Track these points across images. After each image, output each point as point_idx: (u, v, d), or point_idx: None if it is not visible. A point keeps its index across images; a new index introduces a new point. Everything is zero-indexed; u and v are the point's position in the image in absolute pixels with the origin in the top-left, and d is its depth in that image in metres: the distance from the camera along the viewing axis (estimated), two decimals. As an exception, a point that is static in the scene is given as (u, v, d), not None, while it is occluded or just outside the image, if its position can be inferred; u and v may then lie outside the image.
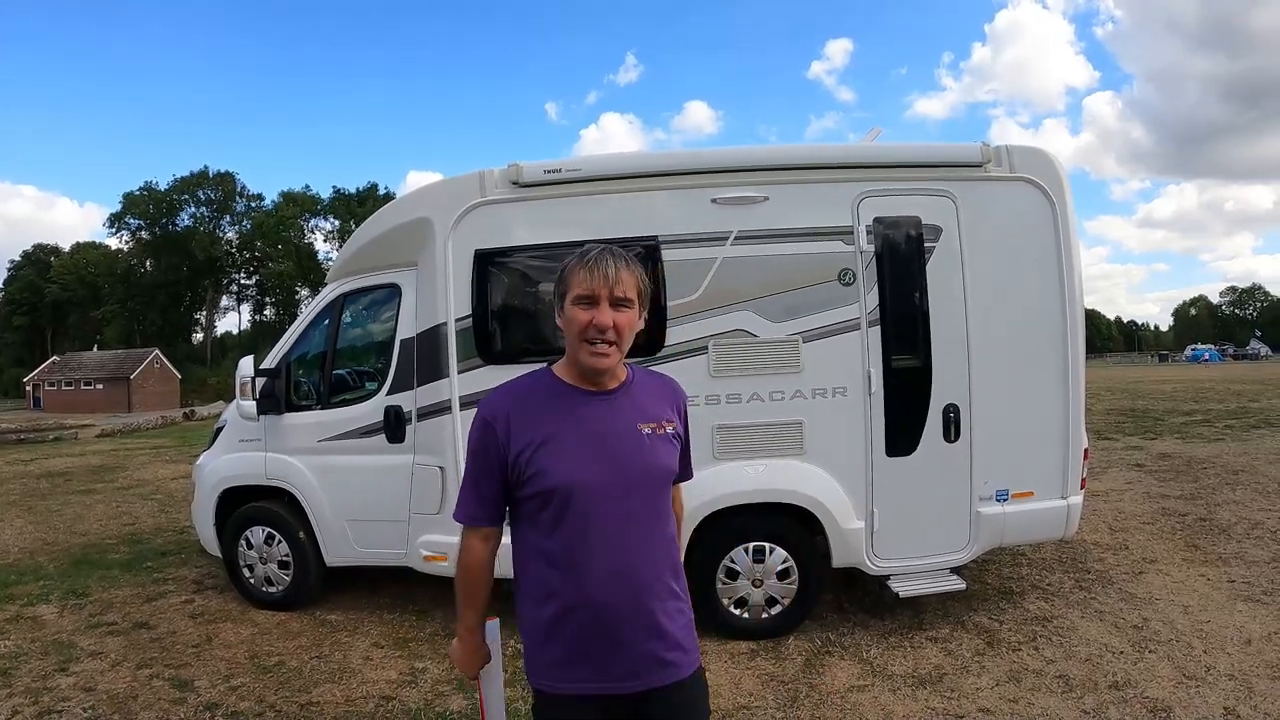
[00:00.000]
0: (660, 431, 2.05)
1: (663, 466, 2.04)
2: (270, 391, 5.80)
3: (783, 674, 4.62)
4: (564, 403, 2.01)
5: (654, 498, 2.03)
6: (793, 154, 5.27)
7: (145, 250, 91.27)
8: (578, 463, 1.94)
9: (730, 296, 5.00)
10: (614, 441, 1.98)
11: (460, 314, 5.11)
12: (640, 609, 1.97)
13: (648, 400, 2.08)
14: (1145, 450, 12.67)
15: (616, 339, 1.95)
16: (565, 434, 1.97)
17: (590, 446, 1.96)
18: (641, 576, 1.97)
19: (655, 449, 2.02)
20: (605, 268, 1.93)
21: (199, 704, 4.45)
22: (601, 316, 1.92)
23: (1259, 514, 7.99)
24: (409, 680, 4.71)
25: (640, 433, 2.01)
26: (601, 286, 1.92)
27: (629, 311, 1.96)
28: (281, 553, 5.91)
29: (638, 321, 2.01)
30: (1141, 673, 4.45)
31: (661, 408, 2.10)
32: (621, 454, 1.98)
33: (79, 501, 11.68)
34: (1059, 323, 5.10)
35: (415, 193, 5.76)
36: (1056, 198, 5.09)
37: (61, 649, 5.32)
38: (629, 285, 1.95)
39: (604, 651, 1.96)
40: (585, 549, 1.94)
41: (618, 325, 1.94)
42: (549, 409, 2.00)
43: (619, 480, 1.96)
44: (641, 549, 1.98)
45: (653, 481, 2.02)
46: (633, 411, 2.03)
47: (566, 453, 1.95)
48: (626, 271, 1.95)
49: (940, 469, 5.04)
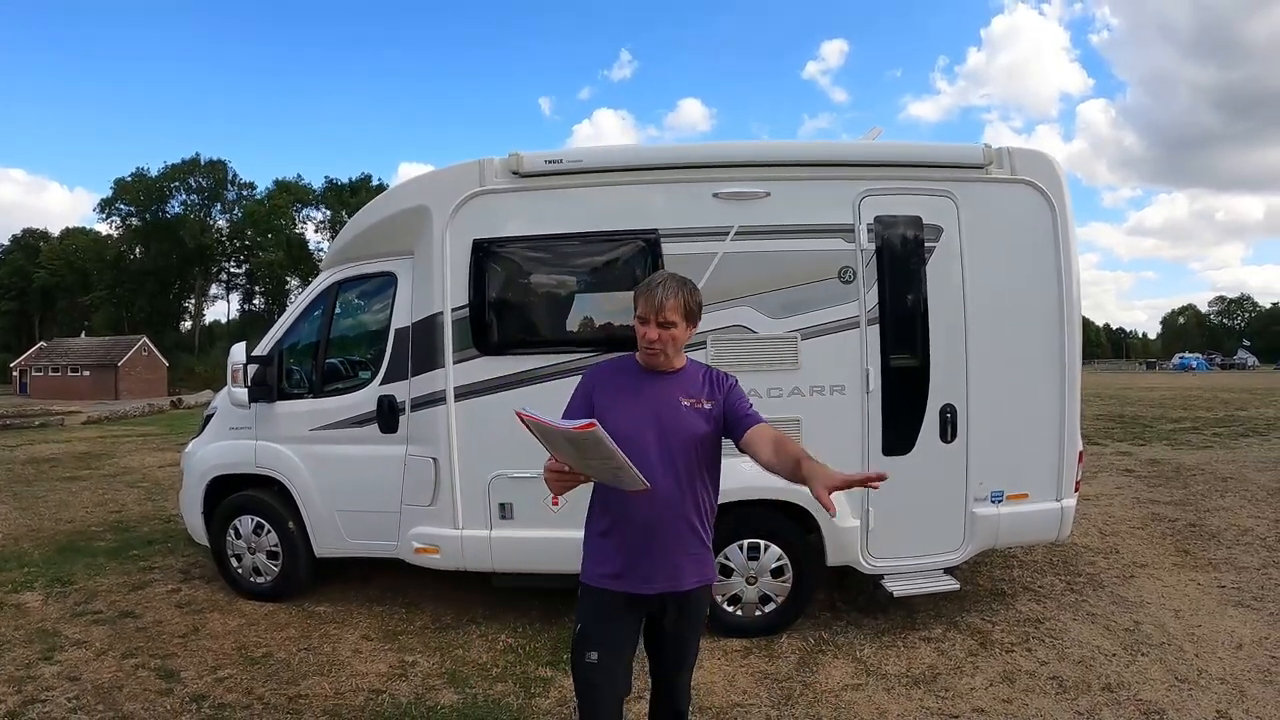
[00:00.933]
0: (697, 406, 2.74)
1: (692, 430, 2.71)
2: (262, 379, 5.74)
3: (777, 672, 4.61)
4: (635, 380, 2.80)
5: (685, 453, 2.71)
6: (795, 150, 5.26)
7: (135, 237, 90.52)
8: (631, 420, 2.67)
9: (730, 292, 4.98)
10: (659, 408, 2.73)
11: (457, 304, 5.07)
12: (663, 532, 2.69)
13: (693, 385, 2.79)
14: (1134, 456, 12.73)
15: (662, 347, 2.70)
16: (628, 399, 2.75)
17: (642, 409, 2.72)
18: (669, 502, 2.68)
19: (690, 417, 2.72)
20: (655, 298, 2.67)
21: (185, 695, 4.41)
22: (650, 333, 2.69)
23: (1248, 520, 8.03)
24: (399, 674, 4.67)
25: (680, 404, 2.73)
26: (650, 312, 2.68)
27: (674, 329, 2.70)
28: (270, 543, 5.86)
29: (685, 333, 2.75)
30: (1134, 675, 4.46)
31: (702, 390, 2.78)
32: (663, 417, 2.71)
33: (65, 488, 11.60)
34: (1056, 325, 5.11)
35: (413, 180, 5.71)
36: (1056, 201, 5.09)
37: (46, 637, 5.27)
38: (673, 311, 2.67)
39: (630, 556, 2.71)
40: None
41: (662, 339, 2.69)
42: (625, 381, 2.81)
43: (659, 436, 2.69)
44: (670, 483, 2.67)
45: (684, 440, 2.70)
46: (679, 390, 2.76)
47: (625, 412, 2.70)
48: (673, 300, 2.67)
49: (936, 469, 5.04)
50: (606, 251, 5.07)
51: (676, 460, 2.69)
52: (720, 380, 2.84)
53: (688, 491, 2.71)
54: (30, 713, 4.20)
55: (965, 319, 5.03)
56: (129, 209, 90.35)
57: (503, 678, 4.59)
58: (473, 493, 5.13)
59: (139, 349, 62.81)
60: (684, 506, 2.71)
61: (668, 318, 2.67)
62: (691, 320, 2.76)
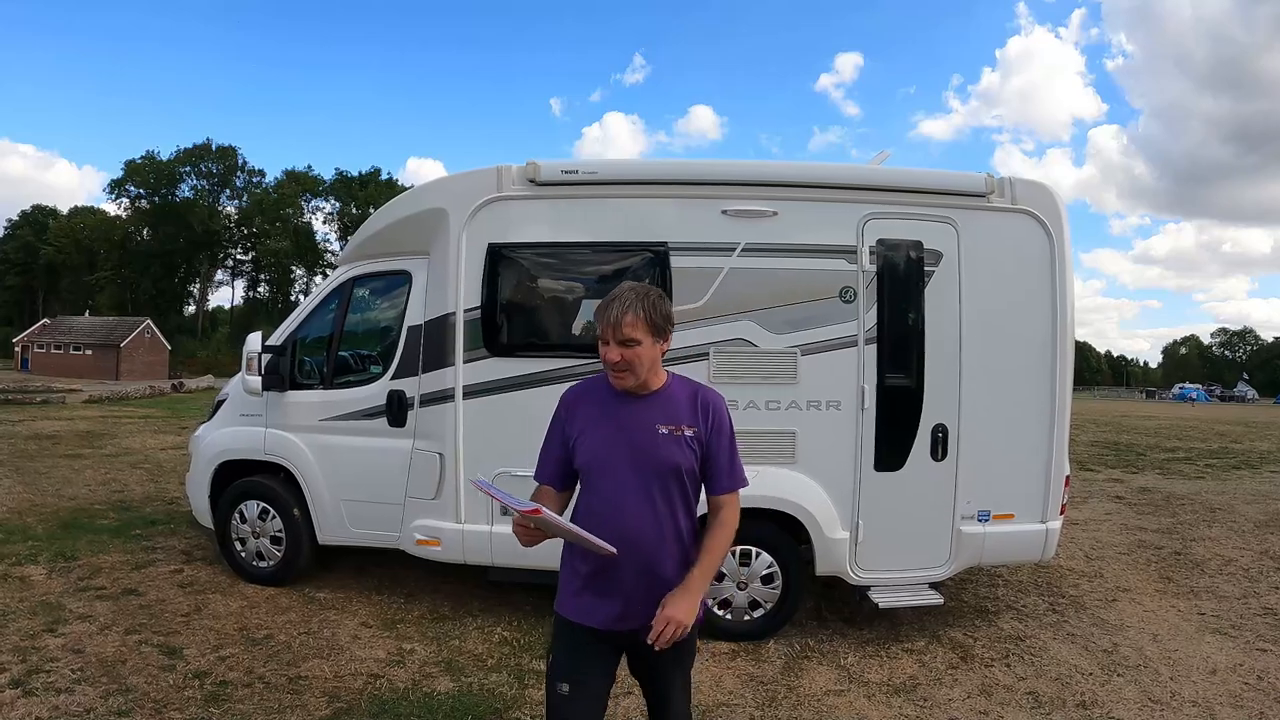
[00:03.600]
0: (676, 433, 2.48)
1: (669, 460, 2.47)
2: (275, 368, 5.87)
3: (762, 675, 4.74)
4: (608, 403, 2.54)
5: (662, 483, 2.48)
6: (804, 172, 5.40)
7: (143, 218, 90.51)
8: (603, 447, 2.49)
9: (734, 306, 5.12)
10: (633, 433, 2.48)
11: (469, 305, 5.21)
12: (642, 568, 2.45)
13: (673, 406, 2.52)
14: (1126, 483, 12.81)
15: (628, 367, 2.43)
16: (602, 424, 2.52)
17: (615, 436, 2.49)
18: (644, 542, 2.45)
19: (665, 445, 2.47)
20: (610, 316, 2.41)
21: (188, 671, 4.51)
22: (611, 354, 2.43)
23: (1233, 551, 8.14)
24: (397, 660, 4.79)
25: (656, 431, 2.47)
26: (608, 330, 2.42)
27: (637, 347, 2.41)
28: (275, 528, 5.98)
29: (653, 349, 2.45)
30: (1109, 694, 4.58)
31: (682, 413, 2.51)
32: (637, 445, 2.47)
33: (67, 465, 11.72)
34: (1049, 352, 5.23)
35: (432, 183, 5.86)
36: (1055, 231, 5.22)
37: (50, 610, 5.36)
38: (632, 326, 2.39)
39: (608, 593, 2.48)
40: (602, 510, 2.47)
41: (625, 358, 2.42)
42: (596, 406, 2.55)
43: (634, 465, 2.46)
44: (646, 518, 2.46)
45: (660, 470, 2.47)
46: (657, 414, 2.50)
47: (598, 438, 2.50)
48: (631, 314, 2.40)
49: (926, 486, 5.17)
50: (616, 261, 5.20)
51: (654, 492, 2.47)
52: (706, 401, 2.56)
53: (668, 523, 2.49)
54: (35, 682, 4.28)
55: (960, 342, 5.16)
56: (139, 191, 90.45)
57: (498, 668, 4.72)
58: (476, 489, 5.24)
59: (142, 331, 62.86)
60: (663, 540, 2.48)
61: (627, 334, 2.39)
62: (659, 334, 2.46)
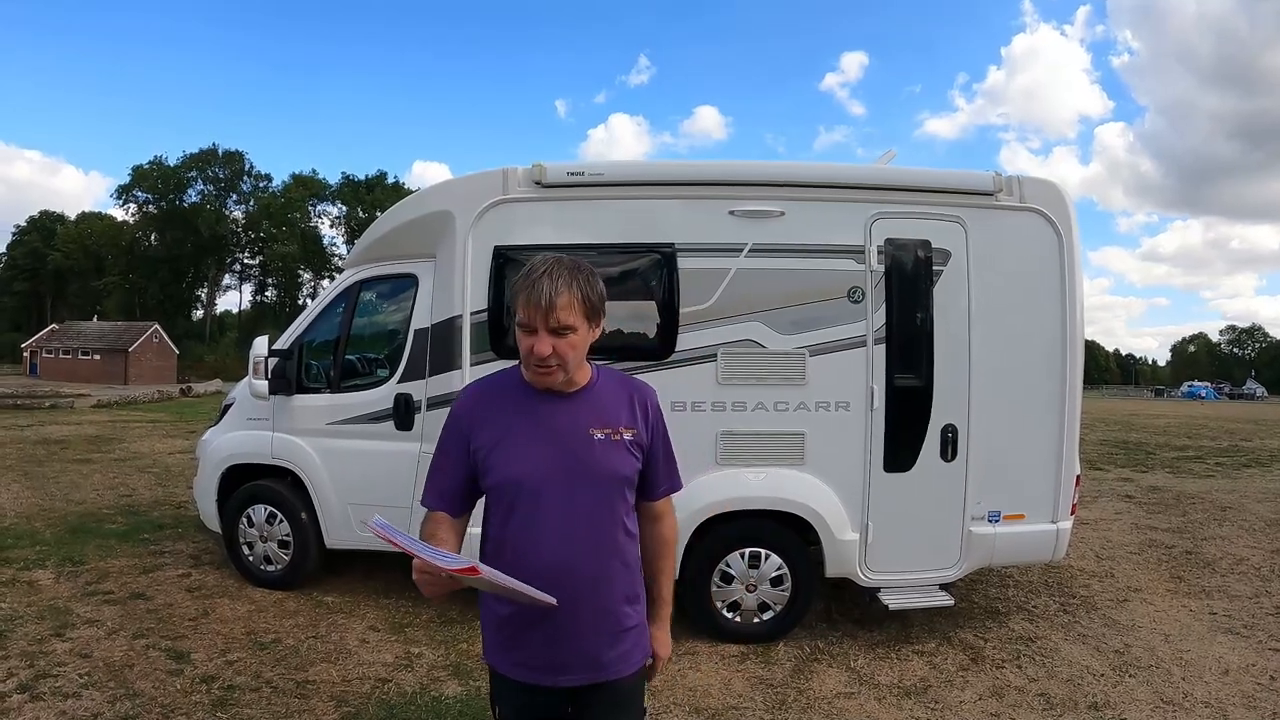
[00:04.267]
0: (615, 438, 2.05)
1: (609, 470, 2.04)
2: (282, 372, 5.87)
3: (772, 678, 4.72)
4: (523, 403, 2.05)
5: (603, 499, 2.04)
6: (811, 172, 5.38)
7: (151, 224, 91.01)
8: (525, 461, 2.00)
9: (742, 307, 5.10)
10: (563, 442, 2.02)
11: (476, 307, 5.20)
12: (579, 606, 1.99)
13: (607, 405, 2.08)
14: (1136, 482, 12.77)
15: (560, 362, 1.95)
16: (518, 433, 2.02)
17: (539, 446, 2.01)
18: (582, 574, 2.00)
19: (604, 453, 2.03)
20: (540, 296, 1.89)
21: (195, 676, 4.51)
22: (540, 346, 1.92)
23: (1244, 550, 8.10)
24: (405, 664, 4.78)
25: (591, 436, 2.03)
26: (535, 315, 1.91)
27: (571, 336, 1.94)
28: (282, 532, 5.99)
29: (586, 336, 1.99)
30: (1120, 695, 4.55)
31: (619, 413, 2.09)
32: (569, 455, 2.01)
33: (76, 470, 11.75)
34: (1059, 351, 5.21)
35: (438, 186, 5.86)
36: (1063, 229, 5.19)
37: (57, 614, 5.37)
38: (567, 310, 1.91)
39: (538, 644, 2.03)
40: (529, 543, 2.00)
41: (558, 350, 1.93)
42: (509, 408, 2.05)
43: (564, 479, 2.00)
44: (585, 548, 2.01)
45: (599, 483, 2.03)
46: (588, 415, 2.05)
47: (517, 451, 2.01)
48: (565, 296, 1.90)
49: (935, 487, 5.15)
50: (624, 263, 5.18)
51: (593, 511, 2.02)
52: (645, 399, 2.15)
53: (611, 553, 2.05)
54: (42, 686, 4.29)
55: (969, 341, 5.13)
56: (146, 196, 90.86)
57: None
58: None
59: (150, 335, 63.08)
60: (607, 574, 2.04)
61: (562, 320, 1.91)
62: (593, 319, 2.00)
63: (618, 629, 2.07)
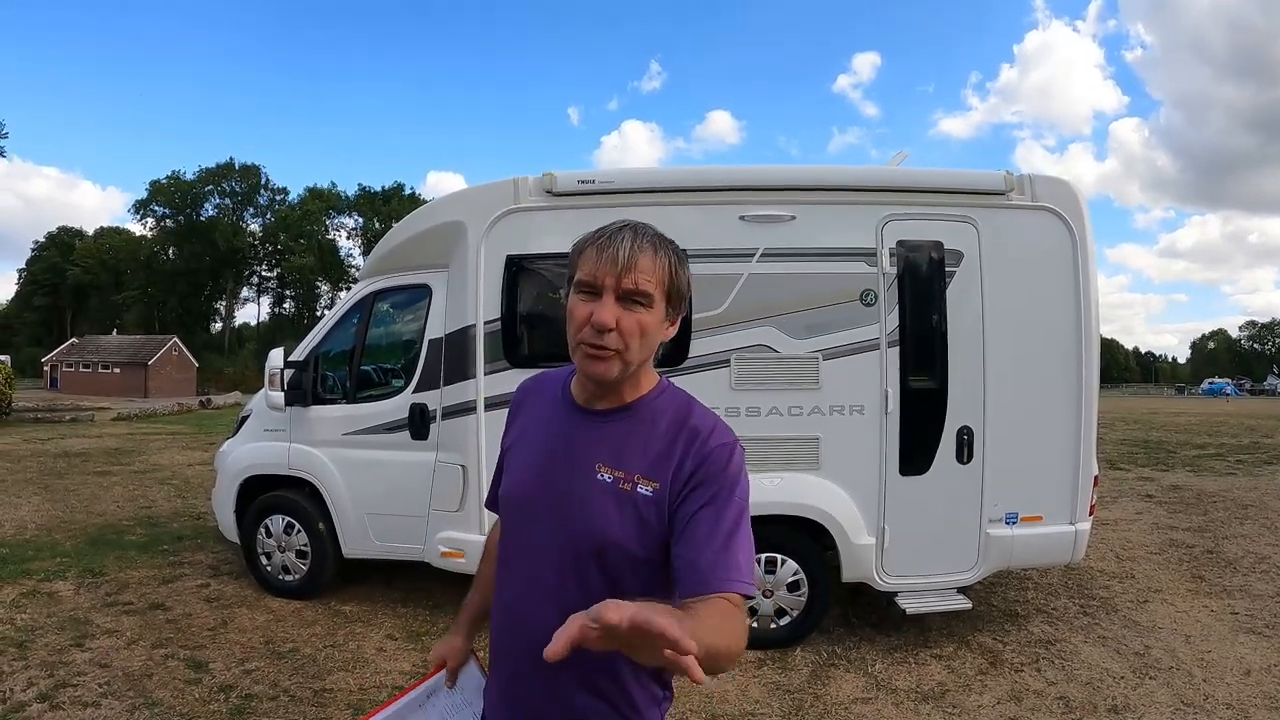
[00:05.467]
0: (624, 486, 1.51)
1: (590, 527, 1.50)
2: (298, 383, 5.90)
3: (788, 684, 4.70)
4: (553, 410, 1.65)
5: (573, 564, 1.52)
6: (821, 175, 5.37)
7: (168, 238, 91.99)
8: (521, 480, 1.64)
9: (754, 312, 5.10)
10: (562, 471, 1.57)
11: (489, 317, 5.22)
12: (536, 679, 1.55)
13: (638, 436, 1.55)
14: (1156, 481, 12.67)
15: (622, 345, 1.46)
16: (530, 444, 1.66)
17: (540, 466, 1.61)
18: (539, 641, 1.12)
19: (595, 501, 1.51)
20: (618, 249, 1.44)
21: (214, 685, 4.54)
22: (602, 312, 1.43)
23: (1266, 549, 8.02)
24: (421, 672, 4.75)
25: (594, 474, 1.53)
26: (607, 273, 1.44)
27: (642, 311, 1.46)
28: (300, 542, 6.02)
29: (660, 326, 1.51)
30: (1141, 698, 4.51)
31: (647, 453, 1.53)
32: (560, 489, 1.56)
33: (96, 482, 11.84)
34: (1074, 350, 5.17)
35: (450, 196, 5.91)
36: (1077, 227, 5.16)
37: (77, 625, 5.42)
38: (648, 275, 1.45)
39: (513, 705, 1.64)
40: (506, 572, 1.66)
41: (623, 327, 1.45)
42: (540, 412, 1.68)
43: (547, 522, 1.56)
44: (545, 617, 1.36)
45: (573, 540, 1.52)
46: (606, 445, 1.55)
47: (520, 463, 1.66)
48: (648, 258, 1.45)
49: (952, 489, 5.12)
50: None
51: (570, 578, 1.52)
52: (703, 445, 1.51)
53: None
54: (62, 696, 4.34)
55: (984, 342, 5.10)
56: (164, 210, 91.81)
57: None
58: None
59: (169, 348, 63.58)
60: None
61: (639, 283, 1.44)
62: (674, 305, 1.53)
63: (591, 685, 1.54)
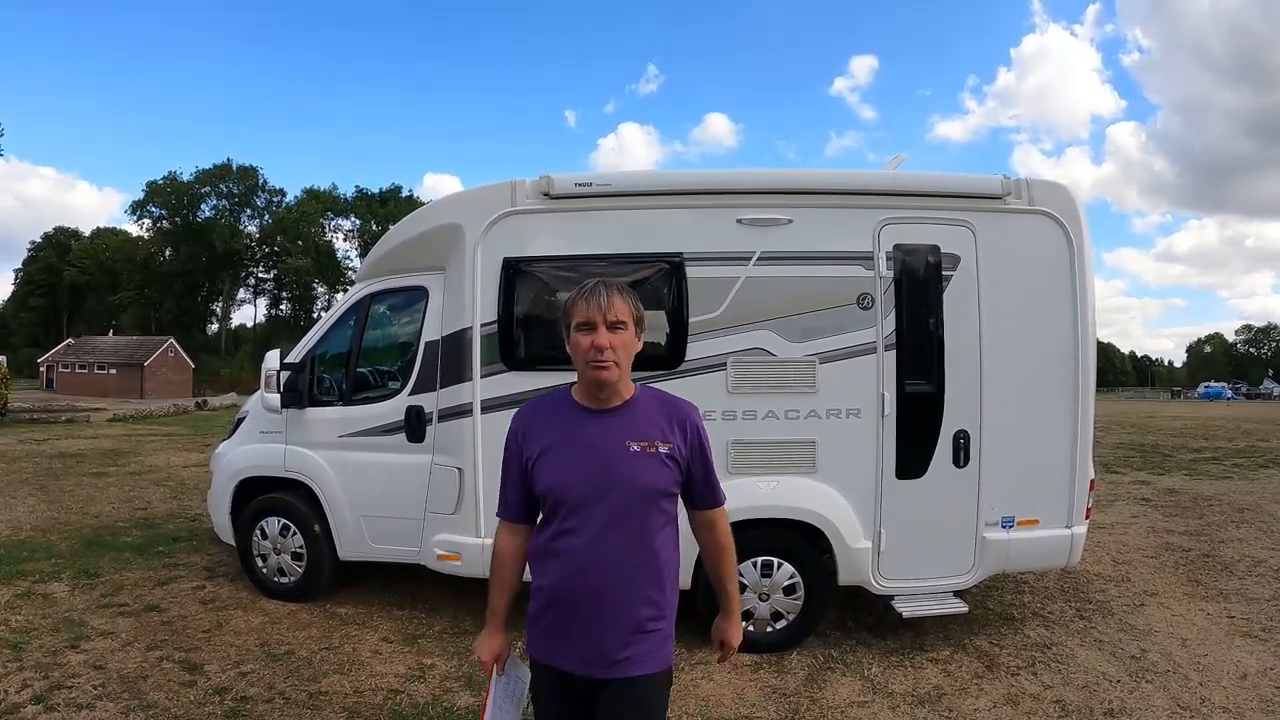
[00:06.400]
0: (650, 450, 2.27)
1: (643, 482, 2.26)
2: (294, 385, 5.90)
3: (785, 687, 4.69)
4: (569, 419, 2.32)
5: (634, 508, 2.25)
6: (818, 179, 5.36)
7: (165, 239, 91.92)
8: (565, 471, 2.27)
9: (751, 315, 5.10)
10: (600, 455, 2.26)
11: (486, 319, 5.22)
12: (605, 605, 2.24)
13: (645, 420, 2.31)
14: (1152, 485, 12.68)
15: (615, 357, 2.23)
16: (561, 445, 2.29)
17: (578, 458, 2.27)
18: (606, 573, 2.24)
19: (638, 464, 2.26)
20: (599, 297, 2.24)
21: (209, 687, 4.54)
22: (599, 339, 2.21)
23: (1262, 552, 8.02)
24: (417, 675, 4.79)
25: (628, 449, 2.26)
26: (597, 313, 2.22)
27: (624, 333, 2.25)
28: (296, 544, 6.01)
29: (635, 341, 2.30)
30: (1137, 702, 4.51)
31: (657, 429, 2.31)
32: (605, 466, 2.25)
33: (91, 483, 11.85)
34: (1070, 355, 5.18)
35: (447, 199, 5.90)
36: (1073, 232, 5.17)
37: (72, 626, 5.42)
38: (621, 310, 2.24)
39: (566, 637, 2.28)
40: (565, 545, 2.27)
41: (614, 345, 2.23)
42: (556, 423, 2.33)
43: (599, 489, 2.24)
44: (612, 551, 2.23)
45: (631, 492, 2.25)
46: (626, 429, 2.29)
47: (559, 462, 2.28)
48: (619, 299, 2.25)
49: (948, 493, 5.12)
50: (632, 273, 5.18)
51: (626, 520, 2.24)
52: (684, 416, 2.37)
53: (640, 559, 2.26)
54: (56, 698, 4.33)
55: (981, 346, 5.11)
56: (160, 211, 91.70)
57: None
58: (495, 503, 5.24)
59: (165, 349, 63.60)
60: (632, 575, 2.25)
61: (618, 315, 2.23)
62: (639, 326, 2.32)
63: (634, 630, 2.25)
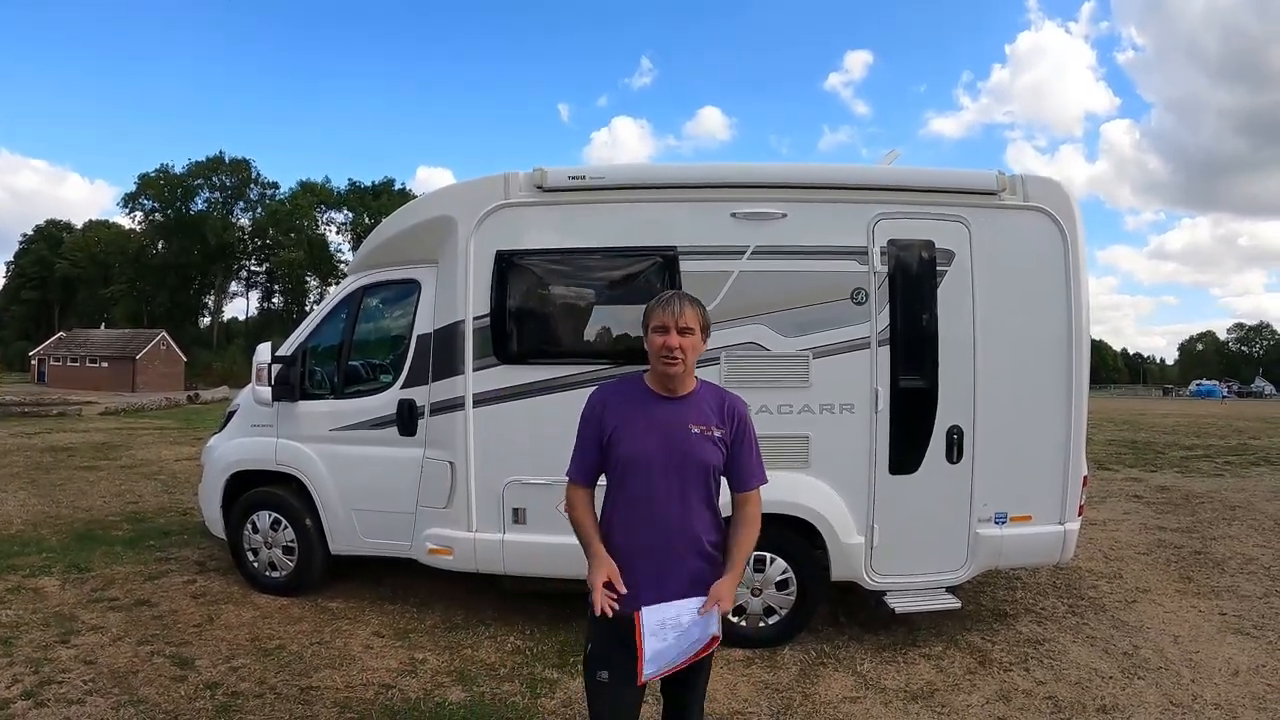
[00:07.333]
0: (706, 433, 2.76)
1: (699, 457, 2.74)
2: (285, 379, 5.86)
3: (777, 682, 4.69)
4: (644, 401, 2.80)
5: (694, 477, 2.75)
6: (813, 173, 5.36)
7: (158, 232, 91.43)
8: (641, 442, 2.74)
9: (745, 309, 5.09)
10: (668, 432, 2.74)
11: (478, 312, 5.20)
12: (670, 554, 2.73)
13: (703, 408, 2.79)
14: (1144, 482, 12.72)
15: (683, 355, 2.70)
16: (638, 421, 2.77)
17: (653, 433, 2.74)
18: (674, 530, 2.73)
19: (697, 444, 2.74)
20: (673, 306, 2.72)
21: (199, 683, 4.52)
22: (670, 340, 2.69)
23: (1254, 549, 8.05)
24: (409, 670, 4.78)
25: (689, 430, 2.74)
26: (670, 319, 2.70)
27: (692, 337, 2.72)
28: (287, 538, 5.98)
29: (701, 344, 2.77)
30: (1129, 698, 4.51)
31: (711, 416, 2.79)
32: (671, 441, 2.73)
33: (82, 477, 11.80)
34: (1064, 351, 5.17)
35: (440, 191, 5.87)
36: (1068, 228, 5.16)
37: (62, 621, 5.40)
38: (691, 319, 2.71)
39: (637, 584, 2.68)
40: (638, 503, 2.74)
41: (683, 346, 2.70)
42: (634, 402, 2.81)
43: (667, 459, 2.72)
44: (678, 510, 2.73)
45: (691, 465, 2.74)
46: (689, 414, 2.77)
47: (636, 434, 2.75)
48: (690, 309, 2.72)
49: (941, 489, 5.11)
50: (625, 266, 5.18)
51: (685, 486, 2.73)
52: (733, 407, 2.85)
53: (698, 520, 2.75)
54: (46, 693, 4.32)
55: (975, 342, 5.10)
56: (153, 204, 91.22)
57: (510, 678, 4.69)
58: (487, 497, 5.25)
59: (157, 343, 63.39)
60: (694, 534, 2.74)
61: (687, 324, 2.69)
62: (705, 333, 2.79)
63: (703, 579, 2.71)
